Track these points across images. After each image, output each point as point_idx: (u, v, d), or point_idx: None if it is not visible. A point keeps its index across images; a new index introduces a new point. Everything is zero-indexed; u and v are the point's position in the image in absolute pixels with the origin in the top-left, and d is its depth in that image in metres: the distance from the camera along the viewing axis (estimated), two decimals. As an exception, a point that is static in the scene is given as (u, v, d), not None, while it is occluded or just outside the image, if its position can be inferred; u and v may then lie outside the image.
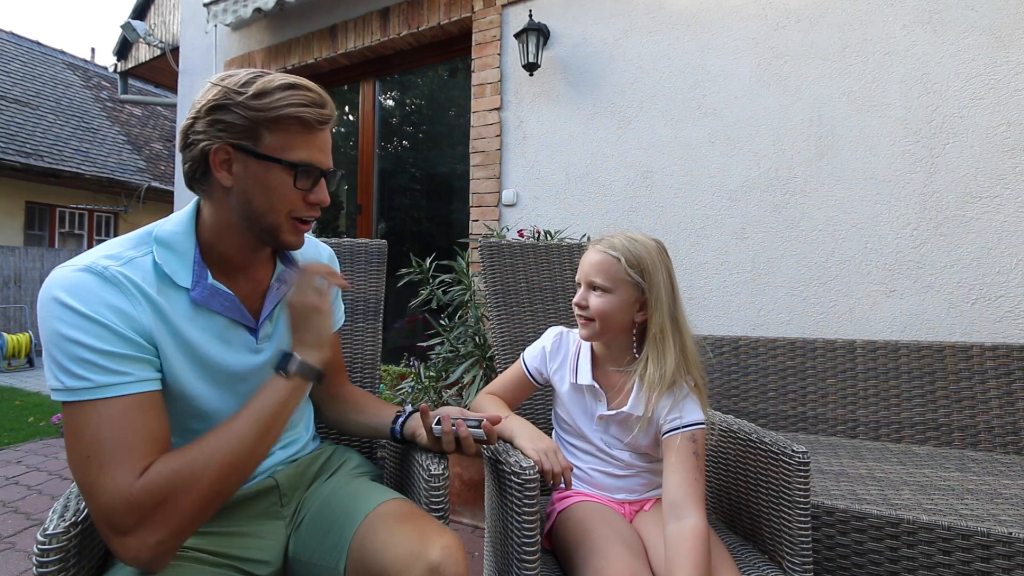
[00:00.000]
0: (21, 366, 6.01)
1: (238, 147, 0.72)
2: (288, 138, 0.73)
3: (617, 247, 0.94)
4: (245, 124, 0.71)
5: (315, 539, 0.82)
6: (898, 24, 1.97)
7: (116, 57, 6.22)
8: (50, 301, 0.64)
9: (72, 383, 0.63)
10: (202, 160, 0.73)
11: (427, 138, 3.66)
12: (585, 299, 0.95)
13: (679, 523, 0.83)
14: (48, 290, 0.65)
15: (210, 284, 0.76)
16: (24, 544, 1.93)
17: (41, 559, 0.62)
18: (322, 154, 0.76)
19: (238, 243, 0.78)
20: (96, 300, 0.65)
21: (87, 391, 0.63)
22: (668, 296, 0.93)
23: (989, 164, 1.83)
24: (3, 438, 3.23)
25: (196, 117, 0.72)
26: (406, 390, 2.25)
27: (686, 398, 0.93)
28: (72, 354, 0.63)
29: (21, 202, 7.96)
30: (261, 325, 0.82)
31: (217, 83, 0.73)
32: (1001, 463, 1.46)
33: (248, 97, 0.70)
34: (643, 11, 2.45)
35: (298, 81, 0.73)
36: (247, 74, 0.73)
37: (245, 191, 0.74)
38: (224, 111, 0.71)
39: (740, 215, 2.22)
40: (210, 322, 0.77)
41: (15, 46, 9.47)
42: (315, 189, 0.77)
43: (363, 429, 1.00)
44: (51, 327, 0.63)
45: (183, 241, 0.75)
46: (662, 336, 0.92)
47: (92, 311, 0.64)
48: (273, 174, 0.73)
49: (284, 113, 0.71)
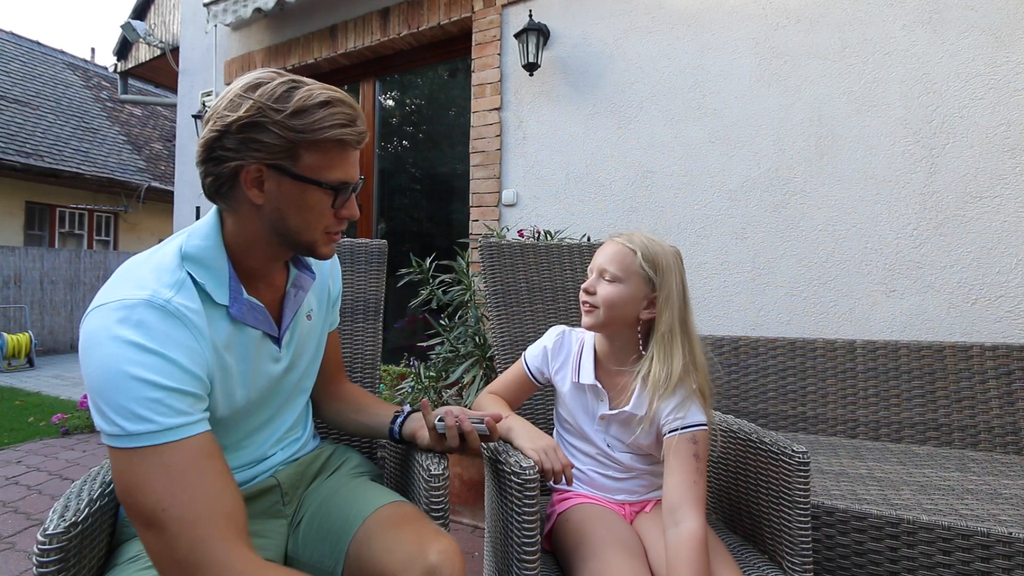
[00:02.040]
0: (21, 366, 6.01)
1: (273, 167, 0.68)
2: (326, 159, 0.70)
3: (635, 241, 0.94)
4: (284, 145, 0.67)
5: (313, 542, 0.82)
6: (898, 24, 1.97)
7: (116, 57, 6.22)
8: (108, 339, 0.59)
9: (135, 427, 0.58)
10: (230, 177, 0.69)
11: (427, 138, 3.66)
12: (594, 286, 0.95)
13: (676, 528, 0.83)
14: (104, 330, 0.60)
15: (246, 299, 0.75)
16: (24, 544, 1.93)
17: (41, 559, 0.62)
18: (354, 170, 0.75)
19: (267, 255, 0.77)
20: (164, 336, 0.62)
21: (151, 435, 0.59)
22: (680, 299, 0.93)
23: (989, 164, 1.83)
24: (3, 438, 3.23)
25: (225, 131, 0.67)
26: (406, 390, 2.25)
27: (689, 399, 0.92)
28: (139, 395, 0.59)
29: (21, 202, 7.96)
30: (283, 334, 0.82)
31: (248, 95, 0.67)
32: (1001, 463, 1.46)
33: (287, 116, 0.66)
34: (643, 11, 2.45)
35: (335, 95, 0.70)
36: (281, 85, 0.68)
37: (279, 209, 0.71)
38: (260, 130, 0.66)
39: (740, 215, 2.22)
40: (245, 338, 0.76)
41: (15, 46, 9.47)
42: (347, 204, 0.76)
43: (361, 429, 1.00)
44: (118, 369, 0.59)
45: (215, 257, 0.72)
46: (671, 336, 0.91)
47: (162, 347, 0.61)
48: (310, 194, 0.71)
49: (326, 136, 0.68)
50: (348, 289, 1.27)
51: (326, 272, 0.97)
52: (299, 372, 0.89)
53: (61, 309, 7.46)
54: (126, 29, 5.38)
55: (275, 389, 0.84)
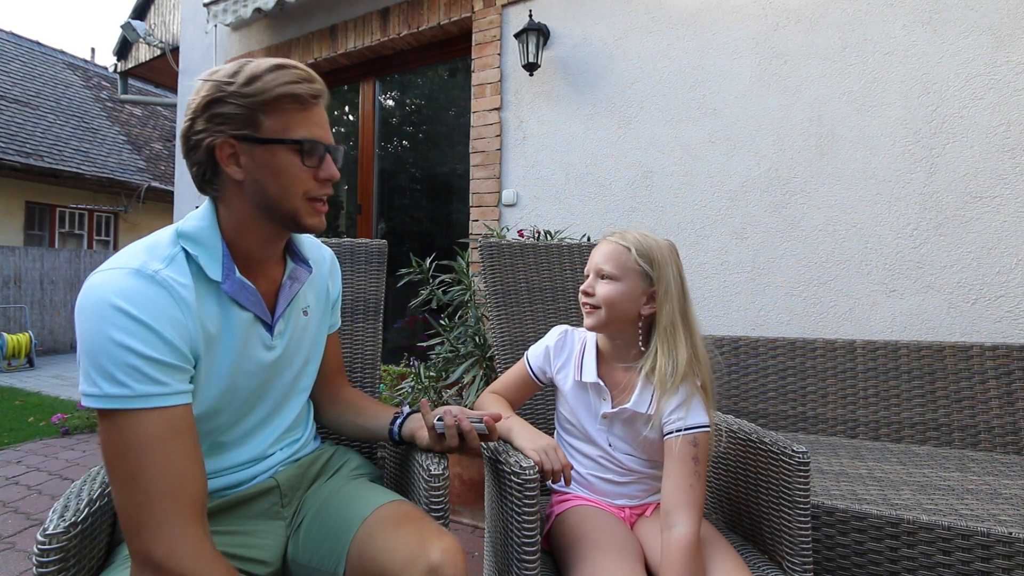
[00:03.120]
0: (21, 366, 6.01)
1: (241, 137, 0.72)
2: (286, 118, 0.73)
3: (628, 239, 0.95)
4: (243, 112, 0.71)
5: (313, 543, 0.82)
6: (898, 24, 1.97)
7: (116, 57, 6.22)
8: (101, 304, 0.63)
9: (112, 389, 0.62)
10: (209, 159, 0.73)
11: (427, 138, 3.66)
12: (592, 287, 0.95)
13: (669, 532, 0.83)
14: (100, 294, 0.64)
15: (238, 278, 0.76)
16: (24, 544, 1.93)
17: (41, 559, 0.62)
18: (322, 130, 0.77)
19: (260, 236, 0.79)
20: (150, 305, 0.65)
21: (125, 399, 0.62)
22: (678, 291, 0.93)
23: (989, 164, 1.83)
24: (3, 438, 3.23)
25: (194, 117, 0.73)
26: (406, 390, 2.25)
27: (692, 398, 0.91)
28: (120, 360, 0.62)
29: (21, 202, 7.96)
30: (276, 322, 0.83)
31: (207, 79, 0.73)
32: (1001, 463, 1.46)
33: (240, 85, 0.71)
34: (643, 11, 2.45)
35: (284, 61, 0.74)
36: (233, 65, 0.74)
37: (257, 180, 0.74)
38: (220, 104, 0.71)
39: (740, 215, 2.22)
40: (236, 318, 0.77)
41: (15, 46, 9.47)
42: (323, 165, 0.77)
43: (361, 432, 1.00)
44: (102, 332, 0.62)
45: (209, 235, 0.75)
46: (673, 328, 0.91)
47: (147, 316, 0.64)
48: (280, 156, 0.73)
49: (278, 93, 0.72)
50: (348, 289, 1.27)
51: (325, 272, 0.97)
52: (295, 369, 0.89)
53: (61, 309, 7.46)
54: (126, 29, 5.38)
55: (269, 382, 0.84)
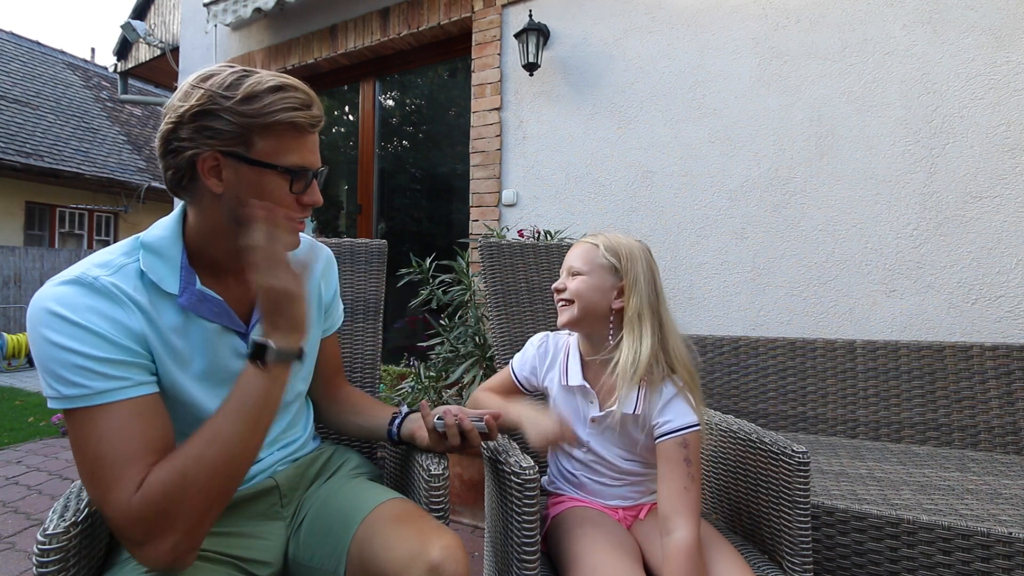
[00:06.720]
0: (21, 366, 6.02)
1: (229, 154, 0.69)
2: (280, 143, 0.71)
3: (598, 238, 0.99)
4: (236, 131, 0.68)
5: (314, 543, 0.82)
6: (898, 24, 1.97)
7: (116, 57, 6.22)
8: (39, 311, 0.64)
9: (68, 391, 0.63)
10: (189, 167, 0.70)
11: (427, 138, 3.66)
12: (564, 283, 0.99)
13: (669, 537, 0.84)
14: (37, 303, 0.65)
15: (198, 290, 0.75)
16: (24, 544, 1.93)
17: (41, 559, 0.62)
18: (313, 156, 0.75)
19: (230, 247, 0.75)
20: (85, 308, 0.65)
21: (85, 398, 0.63)
22: (648, 285, 0.94)
23: (989, 164, 1.83)
24: (3, 438, 3.23)
25: (179, 123, 0.68)
26: (406, 390, 2.25)
27: (676, 398, 0.91)
28: (66, 362, 0.63)
29: (21, 202, 7.96)
30: (251, 329, 0.81)
31: (199, 85, 0.69)
32: (1001, 463, 1.46)
33: (237, 102, 0.68)
34: (643, 11, 2.45)
35: (286, 82, 0.71)
36: (231, 75, 0.70)
37: (237, 196, 0.71)
38: (212, 117, 0.68)
39: (740, 215, 2.22)
40: (200, 327, 0.75)
41: (15, 46, 9.47)
42: (308, 191, 0.76)
43: (360, 431, 1.00)
44: (42, 336, 0.63)
45: (170, 246, 0.74)
46: (638, 320, 0.92)
47: (82, 319, 0.64)
48: (267, 179, 0.71)
49: (277, 119, 0.69)
50: (348, 289, 1.27)
51: (316, 274, 0.95)
52: None
53: (61, 309, 7.44)
54: (126, 29, 5.38)
55: None
